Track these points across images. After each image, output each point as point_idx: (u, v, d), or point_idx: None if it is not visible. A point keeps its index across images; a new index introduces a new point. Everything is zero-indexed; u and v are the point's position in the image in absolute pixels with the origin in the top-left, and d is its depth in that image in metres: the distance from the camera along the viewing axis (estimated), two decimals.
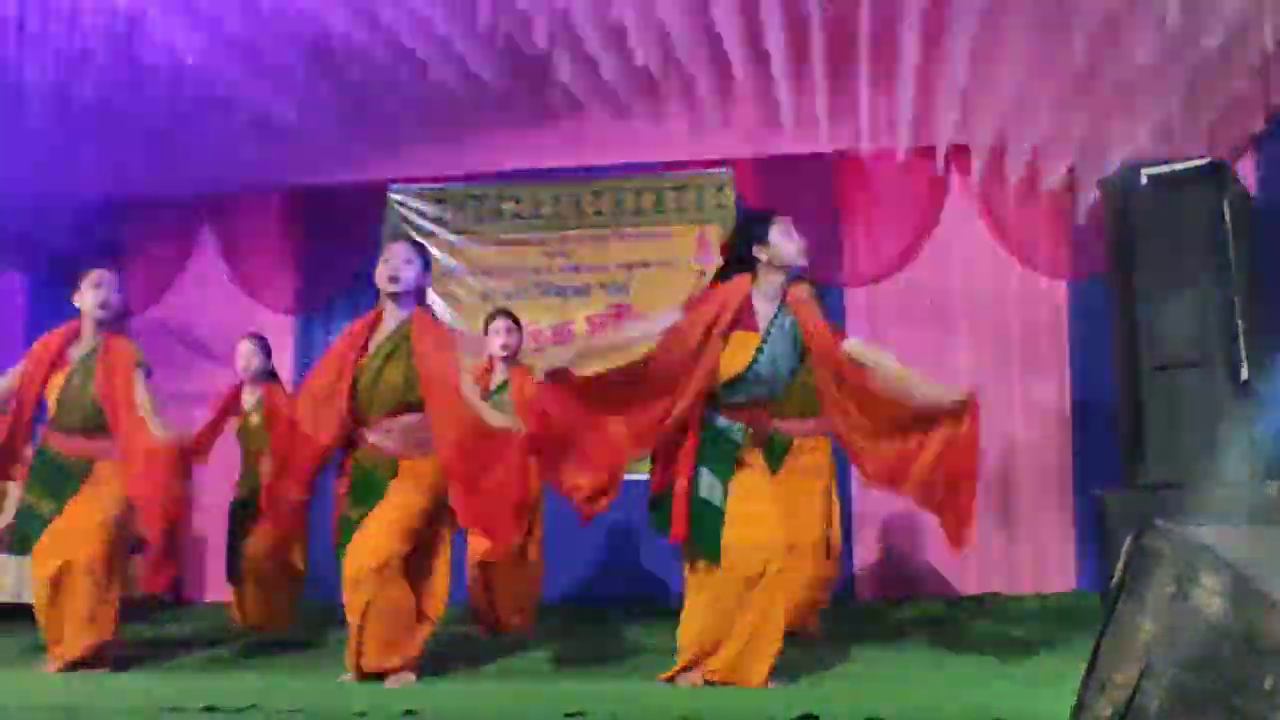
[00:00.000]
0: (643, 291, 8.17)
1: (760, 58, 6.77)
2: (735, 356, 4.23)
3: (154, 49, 6.05)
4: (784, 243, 4.31)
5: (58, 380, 5.17)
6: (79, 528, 4.98)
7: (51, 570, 4.92)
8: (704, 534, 4.09)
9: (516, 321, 6.39)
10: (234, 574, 6.34)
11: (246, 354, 6.53)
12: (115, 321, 5.29)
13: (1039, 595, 7.36)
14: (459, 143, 8.19)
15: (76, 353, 5.19)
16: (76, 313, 5.25)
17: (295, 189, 8.68)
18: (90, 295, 5.17)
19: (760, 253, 4.31)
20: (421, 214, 8.58)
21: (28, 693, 4.24)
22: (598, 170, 8.35)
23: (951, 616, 6.56)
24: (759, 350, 4.24)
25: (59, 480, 5.10)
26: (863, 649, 5.19)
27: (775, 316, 4.31)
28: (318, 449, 4.59)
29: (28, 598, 6.46)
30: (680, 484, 4.13)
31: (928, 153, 7.70)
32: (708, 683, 4.08)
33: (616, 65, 6.84)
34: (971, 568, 7.60)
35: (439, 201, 8.59)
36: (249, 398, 6.56)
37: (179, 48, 6.09)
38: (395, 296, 4.69)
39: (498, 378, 6.30)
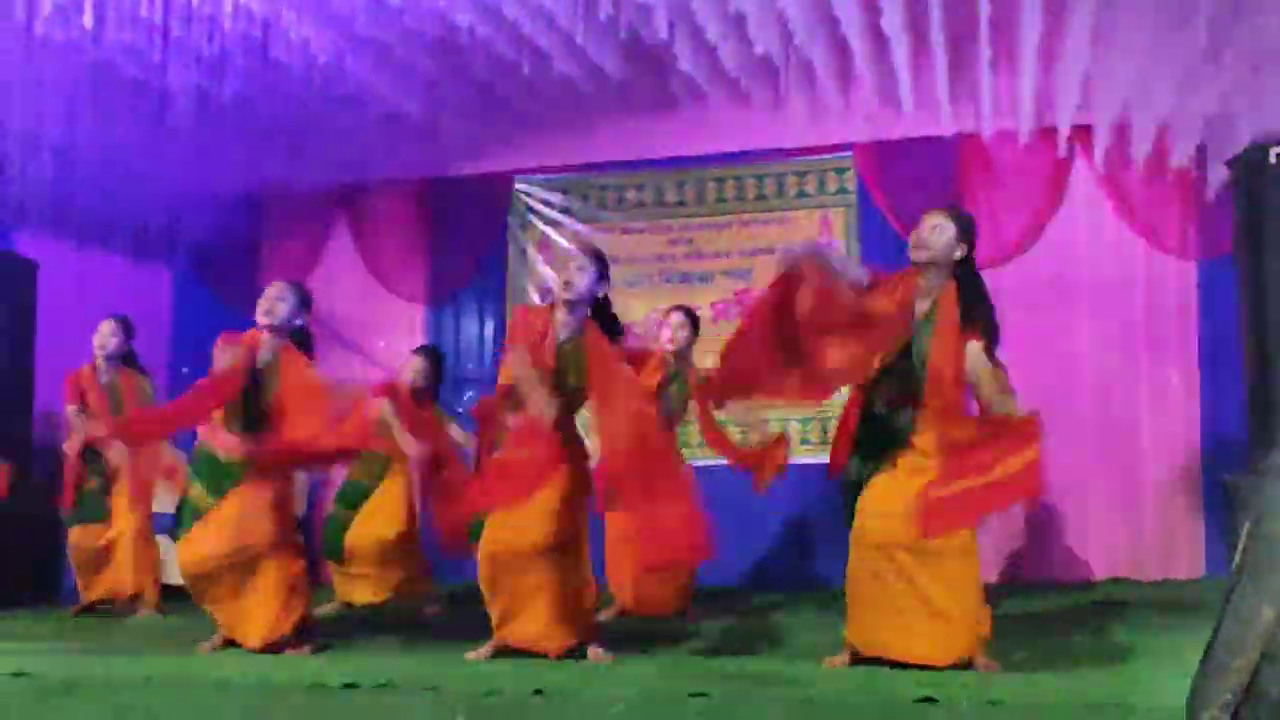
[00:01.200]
0: (765, 277, 8.15)
1: (879, 41, 6.75)
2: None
3: (288, 50, 6.25)
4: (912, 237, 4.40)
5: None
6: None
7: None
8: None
9: (694, 318, 6.27)
10: (337, 553, 6.54)
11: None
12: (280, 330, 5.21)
13: (1166, 581, 7.28)
14: (582, 133, 8.33)
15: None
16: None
17: (424, 181, 8.90)
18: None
19: None
20: (547, 203, 8.72)
21: (179, 671, 4.47)
22: (719, 157, 8.40)
23: (1077, 602, 6.51)
24: (912, 340, 4.29)
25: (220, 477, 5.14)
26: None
27: (928, 311, 4.34)
28: None
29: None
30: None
31: (1050, 133, 7.61)
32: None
33: (736, 53, 6.89)
34: (1098, 553, 7.54)
35: (564, 191, 8.72)
36: None
37: (311, 48, 6.29)
38: (568, 303, 4.74)
39: (669, 370, 6.15)
